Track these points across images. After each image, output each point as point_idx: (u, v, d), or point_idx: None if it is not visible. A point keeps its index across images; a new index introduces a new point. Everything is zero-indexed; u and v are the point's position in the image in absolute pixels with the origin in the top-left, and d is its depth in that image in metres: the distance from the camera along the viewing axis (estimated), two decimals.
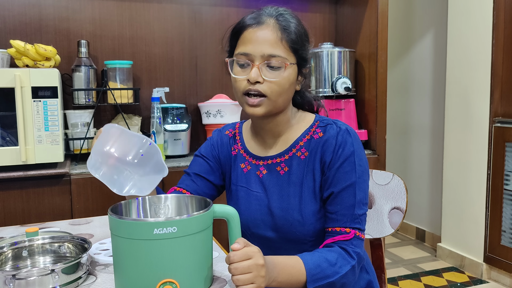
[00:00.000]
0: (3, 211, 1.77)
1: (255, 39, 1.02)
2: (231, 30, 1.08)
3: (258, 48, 1.02)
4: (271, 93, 1.02)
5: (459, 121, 2.83)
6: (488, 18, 2.59)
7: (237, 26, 1.07)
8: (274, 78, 1.02)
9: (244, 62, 1.04)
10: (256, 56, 1.02)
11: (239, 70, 1.05)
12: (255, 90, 1.02)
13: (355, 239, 1.01)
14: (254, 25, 1.03)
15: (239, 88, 1.05)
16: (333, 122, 1.09)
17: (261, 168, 1.13)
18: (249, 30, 1.04)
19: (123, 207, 0.92)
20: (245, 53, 1.03)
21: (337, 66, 2.43)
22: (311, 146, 1.08)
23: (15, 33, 2.13)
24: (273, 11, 1.06)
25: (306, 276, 0.94)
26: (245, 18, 1.06)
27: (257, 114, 1.04)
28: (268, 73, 1.02)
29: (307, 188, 1.07)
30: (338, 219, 1.02)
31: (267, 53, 1.01)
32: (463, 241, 2.86)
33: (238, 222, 0.90)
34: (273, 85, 1.02)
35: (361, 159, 1.05)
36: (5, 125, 1.72)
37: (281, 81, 1.03)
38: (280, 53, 1.02)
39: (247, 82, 1.03)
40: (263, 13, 1.05)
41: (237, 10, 2.50)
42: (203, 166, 1.20)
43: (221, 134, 1.23)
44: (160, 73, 2.40)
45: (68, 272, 0.87)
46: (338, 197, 1.03)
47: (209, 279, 0.88)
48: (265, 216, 1.10)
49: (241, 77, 1.04)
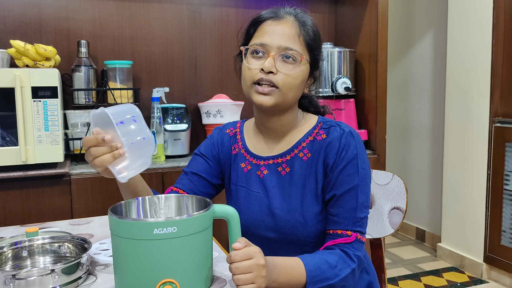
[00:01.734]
0: (3, 211, 1.76)
1: (273, 31, 1.03)
2: (250, 22, 1.08)
3: (275, 40, 1.02)
4: (283, 84, 1.02)
5: (459, 121, 2.83)
6: (488, 18, 2.59)
7: (257, 18, 1.07)
8: (288, 70, 1.02)
9: (259, 50, 1.03)
10: (273, 47, 1.02)
11: (253, 60, 1.04)
12: (267, 80, 1.01)
13: (356, 242, 1.01)
14: (274, 18, 1.04)
15: (250, 77, 1.03)
16: (337, 124, 1.09)
17: (262, 168, 1.12)
18: (268, 22, 1.04)
19: (123, 207, 0.92)
20: (261, 43, 1.03)
21: (337, 66, 2.43)
22: (314, 147, 1.07)
23: (15, 33, 2.13)
24: (291, 10, 1.08)
25: (306, 277, 0.93)
26: (263, 12, 1.07)
27: (266, 104, 1.03)
28: (283, 65, 1.02)
29: (309, 190, 1.06)
30: (339, 222, 1.02)
31: (284, 46, 1.02)
32: (463, 241, 2.86)
33: (238, 222, 0.90)
34: (287, 77, 1.02)
35: (364, 162, 1.05)
36: (5, 125, 1.72)
37: (295, 75, 1.02)
38: (297, 47, 1.02)
39: (260, 72, 1.02)
40: (282, 10, 1.07)
41: (236, 10, 2.51)
42: (201, 165, 1.19)
43: (221, 133, 1.22)
44: (160, 73, 2.40)
45: (68, 272, 0.87)
46: (340, 200, 1.02)
47: (209, 279, 0.88)
48: (266, 217, 1.09)
49: (254, 66, 1.03)
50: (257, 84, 1.02)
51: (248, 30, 1.09)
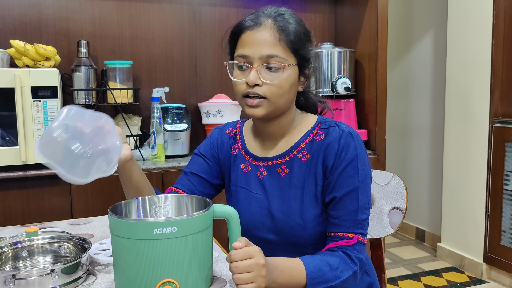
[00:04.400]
0: (3, 211, 1.76)
1: (253, 41, 1.01)
2: (230, 32, 1.07)
3: (256, 50, 1.01)
4: (270, 95, 1.01)
5: (459, 121, 2.83)
6: (488, 18, 2.59)
7: (236, 29, 1.06)
8: (273, 80, 1.01)
9: (243, 65, 1.03)
10: (255, 58, 1.01)
11: (239, 73, 1.04)
12: (254, 93, 1.01)
13: (357, 245, 1.00)
14: (252, 26, 1.02)
15: (239, 91, 1.04)
16: (336, 124, 1.07)
17: (261, 169, 1.12)
18: (247, 32, 1.03)
19: (123, 207, 0.92)
20: (243, 55, 1.02)
21: (337, 66, 2.43)
22: (313, 148, 1.07)
23: (15, 33, 2.13)
24: (272, 12, 1.04)
25: (306, 279, 0.93)
26: (243, 20, 1.05)
27: (257, 115, 1.03)
28: (267, 75, 1.01)
29: (309, 192, 1.05)
30: (341, 224, 1.01)
31: (265, 54, 1.00)
32: (463, 241, 2.86)
33: (238, 222, 0.90)
34: (272, 87, 1.01)
35: (364, 163, 1.03)
36: (5, 125, 1.72)
37: (280, 83, 1.01)
38: (278, 53, 1.00)
39: (246, 85, 1.02)
40: (261, 14, 1.04)
41: (236, 10, 2.50)
42: (201, 166, 1.19)
43: (221, 133, 1.21)
44: (160, 73, 2.40)
45: (68, 272, 0.87)
46: (340, 202, 1.01)
47: (209, 279, 0.88)
48: (266, 219, 1.09)
49: (241, 80, 1.03)
50: (247, 97, 1.03)
51: (230, 41, 1.08)
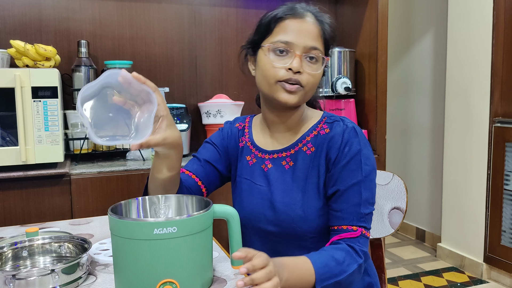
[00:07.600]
0: (3, 211, 1.76)
1: (299, 30, 1.03)
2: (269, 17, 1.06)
3: (301, 38, 1.02)
4: (307, 84, 1.03)
5: (459, 121, 2.83)
6: (488, 18, 2.59)
7: (275, 15, 1.05)
8: (313, 71, 1.03)
9: (284, 50, 1.03)
10: (299, 46, 1.02)
11: (277, 58, 1.03)
12: (295, 80, 1.02)
13: (361, 237, 1.01)
14: (296, 15, 1.04)
15: (274, 75, 1.03)
16: (341, 119, 1.09)
17: (267, 161, 1.13)
18: (290, 19, 1.04)
19: (123, 207, 0.92)
20: (286, 41, 1.02)
21: (337, 66, 2.43)
22: (318, 141, 1.08)
23: (15, 33, 2.13)
24: (309, 7, 1.07)
25: (315, 275, 0.92)
26: (280, 8, 1.06)
27: (291, 102, 1.04)
28: (308, 66, 1.03)
29: (311, 184, 1.06)
30: (344, 217, 1.01)
31: (309, 45, 1.02)
32: (463, 241, 2.86)
33: (238, 222, 0.90)
34: (311, 77, 1.03)
35: (368, 158, 1.05)
36: (5, 125, 1.72)
37: (318, 75, 1.05)
38: (319, 46, 1.04)
39: (286, 71, 1.02)
40: (298, 7, 1.06)
41: (236, 10, 2.50)
42: (213, 154, 1.20)
43: (231, 126, 1.23)
44: (160, 73, 2.40)
45: (68, 272, 0.87)
46: (343, 195, 1.02)
47: (209, 279, 0.88)
48: (267, 210, 1.09)
49: (280, 65, 1.02)
50: (285, 82, 1.02)
51: (268, 25, 1.06)
